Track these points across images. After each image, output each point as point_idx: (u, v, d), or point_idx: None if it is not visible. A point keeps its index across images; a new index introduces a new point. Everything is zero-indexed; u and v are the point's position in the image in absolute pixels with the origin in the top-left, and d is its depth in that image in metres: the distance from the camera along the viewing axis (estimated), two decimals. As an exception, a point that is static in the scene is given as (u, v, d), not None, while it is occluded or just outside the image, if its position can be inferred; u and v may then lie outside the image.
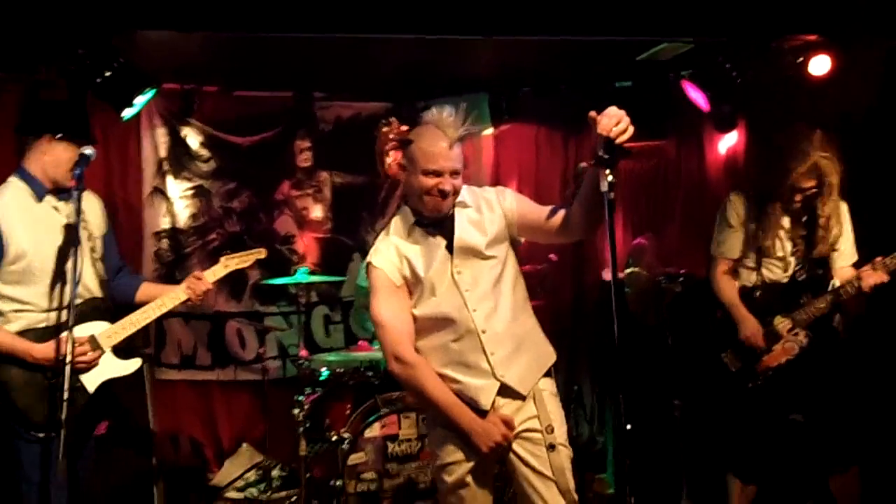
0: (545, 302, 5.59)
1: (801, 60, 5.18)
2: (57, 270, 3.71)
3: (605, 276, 6.06)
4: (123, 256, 5.74)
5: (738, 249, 4.33)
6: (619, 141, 2.64)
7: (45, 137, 3.78)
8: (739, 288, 4.32)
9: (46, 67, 5.04)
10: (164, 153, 6.21)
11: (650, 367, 5.19)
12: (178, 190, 6.25)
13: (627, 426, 2.65)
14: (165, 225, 6.23)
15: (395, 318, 3.11)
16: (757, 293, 4.27)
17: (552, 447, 3.08)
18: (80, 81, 4.97)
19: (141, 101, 5.20)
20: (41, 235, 3.71)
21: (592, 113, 2.70)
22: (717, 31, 5.15)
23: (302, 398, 4.92)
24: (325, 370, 5.18)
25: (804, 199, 4.12)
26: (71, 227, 3.71)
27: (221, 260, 4.30)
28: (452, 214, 3.16)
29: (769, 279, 4.22)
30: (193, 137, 6.27)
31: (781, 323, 4.17)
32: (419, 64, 5.83)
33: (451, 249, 3.13)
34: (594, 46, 5.50)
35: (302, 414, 4.90)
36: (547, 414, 3.12)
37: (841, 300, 4.06)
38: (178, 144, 6.24)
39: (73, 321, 3.37)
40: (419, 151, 3.06)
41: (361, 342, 5.42)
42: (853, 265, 4.16)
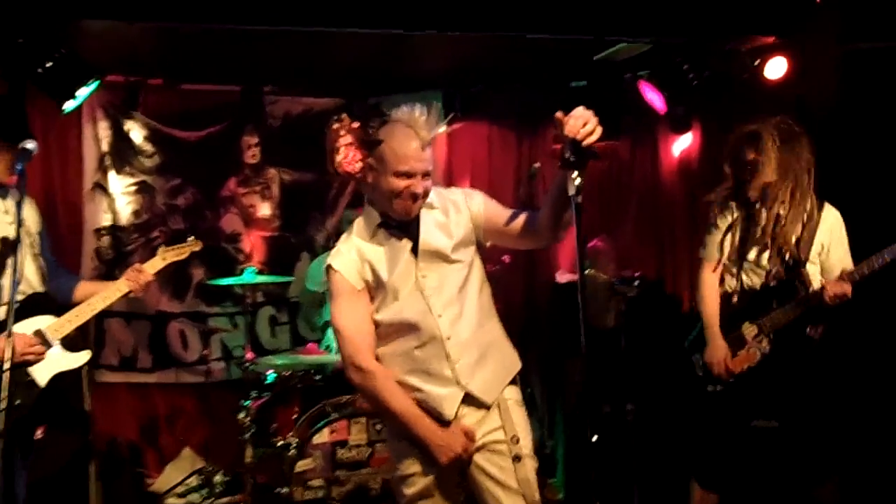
0: (496, 304, 5.49)
1: (757, 63, 5.18)
2: (3, 268, 3.62)
3: (558, 277, 6.00)
4: (63, 253, 5.76)
5: (717, 253, 4.23)
6: (586, 143, 2.57)
7: None
8: (721, 294, 4.23)
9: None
10: (106, 147, 6.03)
11: (604, 371, 5.14)
12: (120, 186, 6.07)
13: (594, 437, 2.55)
14: (106, 222, 6.05)
15: (354, 324, 3.00)
16: (734, 299, 4.20)
17: (518, 458, 2.98)
18: (19, 72, 4.78)
19: (83, 93, 5.02)
20: None
21: (559, 114, 2.61)
22: (674, 32, 5.14)
23: (248, 403, 4.78)
24: (271, 373, 5.04)
25: (756, 184, 4.04)
26: (11, 224, 3.61)
27: (159, 252, 4.34)
28: (418, 216, 3.05)
29: (747, 285, 4.16)
30: (137, 131, 6.10)
31: (748, 329, 4.12)
32: (372, 59, 5.73)
33: (416, 252, 3.01)
34: (550, 44, 5.42)
35: (248, 419, 4.76)
36: (512, 424, 3.02)
37: (809, 308, 4.00)
38: (120, 139, 6.06)
39: (11, 322, 3.24)
40: (390, 152, 2.92)
41: (310, 345, 5.30)
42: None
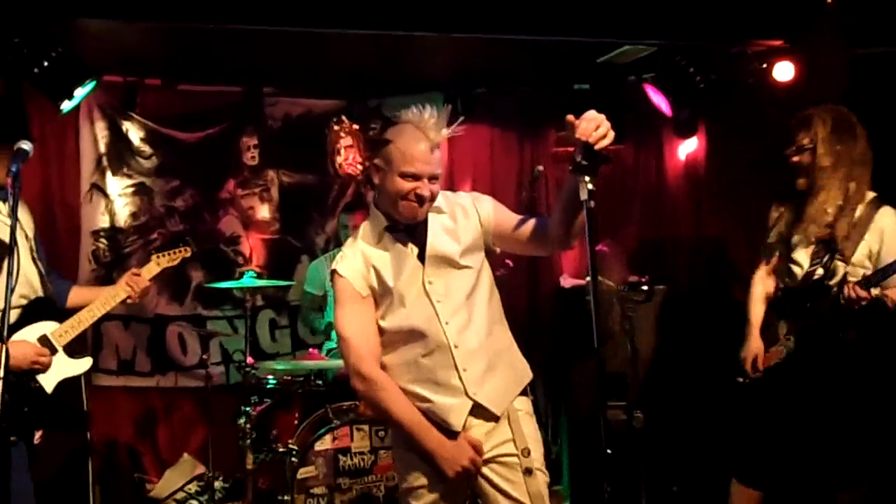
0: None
1: (764, 66, 5.13)
2: (7, 272, 3.51)
3: (562, 282, 5.94)
4: (60, 256, 5.73)
5: (767, 251, 4.18)
6: (598, 146, 2.51)
7: None
8: (767, 294, 4.19)
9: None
10: (103, 148, 5.97)
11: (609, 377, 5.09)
12: (118, 187, 6.01)
13: (608, 450, 2.48)
14: (104, 224, 5.98)
15: (359, 332, 2.93)
16: (777, 295, 4.14)
17: (529, 471, 2.90)
18: (16, 71, 4.72)
19: (81, 93, 4.98)
20: None
21: (570, 117, 2.56)
22: (679, 34, 5.10)
23: (249, 409, 4.72)
24: (271, 378, 4.97)
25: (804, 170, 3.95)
26: (8, 227, 3.50)
27: (153, 258, 4.34)
28: (426, 220, 2.98)
29: (787, 282, 4.08)
30: (135, 132, 6.04)
31: (781, 327, 4.07)
32: (373, 61, 5.68)
33: (422, 258, 2.94)
34: (553, 47, 5.41)
35: (248, 425, 4.69)
36: (523, 436, 2.94)
37: (837, 310, 3.86)
38: (118, 139, 6.00)
39: (7, 327, 3.16)
40: (397, 152, 2.85)
41: (312, 350, 5.22)
42: None
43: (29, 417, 3.62)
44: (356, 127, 6.16)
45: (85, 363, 3.88)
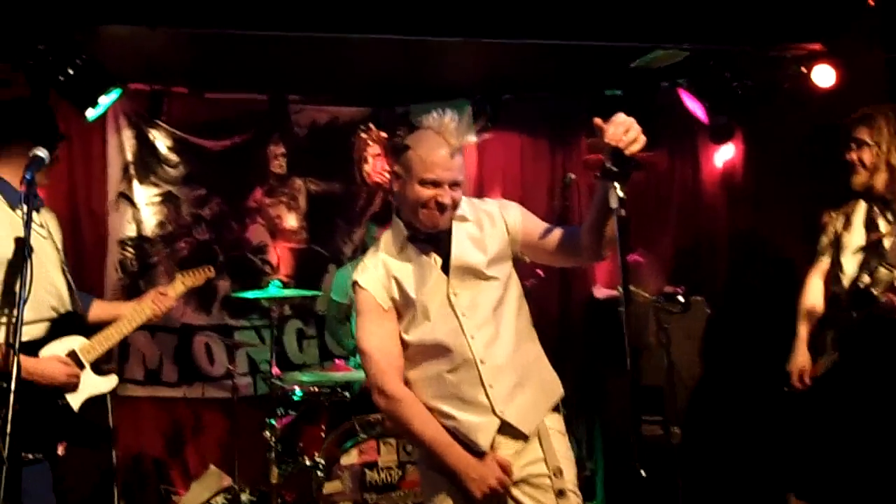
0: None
1: (802, 70, 4.98)
2: (38, 282, 3.45)
3: (595, 293, 5.81)
4: (86, 265, 5.74)
5: (819, 255, 4.09)
6: (629, 152, 2.39)
7: (20, 143, 3.52)
8: (816, 303, 4.08)
9: (5, 64, 4.70)
10: (130, 157, 5.94)
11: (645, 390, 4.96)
12: (144, 196, 5.97)
13: (642, 472, 2.35)
14: (131, 232, 5.95)
15: (380, 346, 2.82)
16: (826, 304, 4.05)
17: (561, 493, 2.78)
18: (41, 79, 4.68)
19: (106, 101, 4.94)
20: (20, 242, 3.42)
21: (598, 120, 2.45)
22: (714, 38, 4.97)
23: (274, 422, 4.64)
24: (298, 390, 4.89)
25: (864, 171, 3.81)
26: (46, 239, 3.59)
27: (177, 276, 4.21)
28: (450, 229, 2.87)
29: (836, 291, 3.97)
30: (162, 141, 6.00)
31: (829, 336, 3.95)
32: (399, 67, 5.60)
33: (447, 269, 2.83)
34: (583, 52, 5.28)
35: (273, 438, 4.61)
36: (555, 455, 2.82)
37: (880, 320, 3.74)
38: (145, 148, 5.97)
39: (18, 342, 3.08)
40: (416, 158, 2.75)
41: (338, 361, 5.14)
42: None
43: (55, 435, 3.53)
44: (383, 135, 6.10)
45: (111, 381, 3.79)
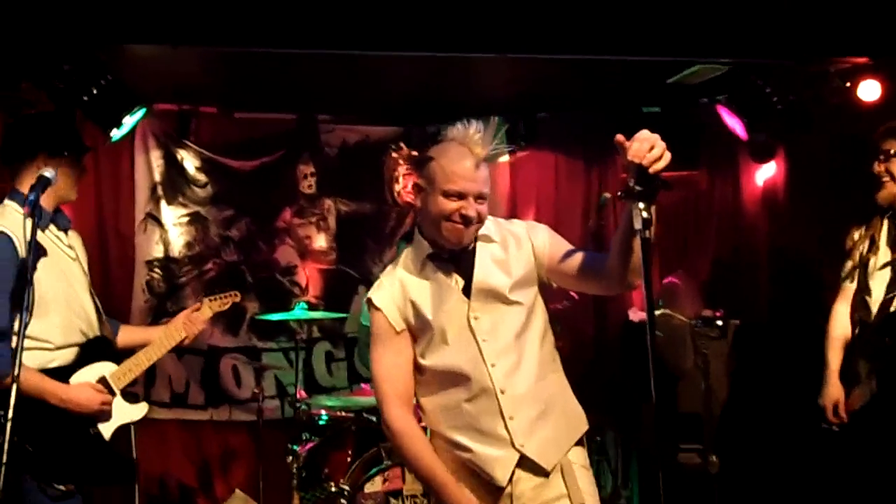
0: (563, 344, 5.15)
1: (847, 85, 4.78)
2: (68, 305, 3.44)
3: (631, 316, 5.63)
4: (113, 286, 5.69)
5: (847, 281, 3.92)
6: (653, 169, 2.22)
7: (38, 158, 3.45)
8: (846, 331, 3.90)
9: (30, 84, 4.67)
10: (158, 177, 5.91)
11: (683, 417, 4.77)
12: (172, 216, 5.93)
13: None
14: (158, 253, 5.90)
15: (387, 373, 2.70)
16: (856, 331, 3.84)
17: None
18: (65, 99, 4.64)
19: (130, 121, 4.89)
20: (50, 266, 3.40)
21: (620, 137, 2.28)
22: (754, 52, 4.79)
23: (297, 448, 4.52)
24: (324, 414, 4.77)
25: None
26: (75, 261, 3.54)
27: (204, 302, 4.07)
28: (474, 248, 2.72)
29: (863, 317, 3.79)
30: (190, 161, 5.96)
31: (863, 366, 3.76)
32: (430, 85, 5.50)
33: (468, 291, 2.69)
34: (619, 67, 5.16)
35: (296, 465, 4.50)
36: (579, 491, 2.66)
37: None
38: (173, 168, 5.93)
39: (18, 365, 2.96)
40: (439, 170, 2.60)
41: (365, 385, 5.02)
42: None
43: (87, 467, 3.44)
44: (415, 154, 5.97)
45: (142, 409, 3.71)
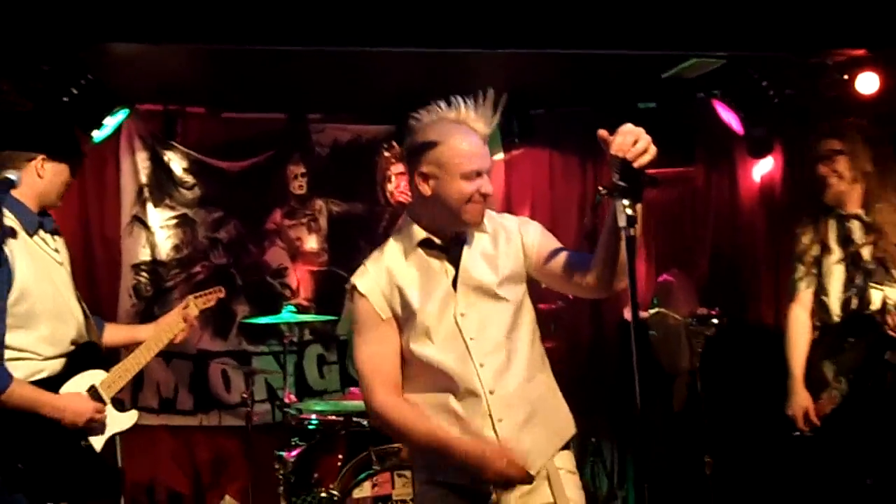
0: (558, 344, 5.09)
1: (846, 77, 4.68)
2: (58, 315, 3.32)
3: (626, 315, 5.52)
4: (99, 290, 5.62)
5: (800, 284, 3.84)
6: (638, 164, 2.15)
7: (38, 158, 3.36)
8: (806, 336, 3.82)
9: (7, 84, 4.58)
10: (144, 179, 5.82)
11: (678, 418, 4.67)
12: (159, 219, 5.84)
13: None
14: (145, 257, 5.82)
15: (371, 362, 2.59)
16: (815, 333, 3.79)
17: None
18: (46, 100, 4.55)
19: (112, 122, 4.81)
20: (40, 272, 3.29)
21: (603, 132, 2.21)
22: (750, 45, 4.69)
23: (283, 454, 4.43)
24: (314, 418, 4.69)
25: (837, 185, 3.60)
26: (62, 265, 3.43)
27: (189, 299, 3.95)
28: (464, 240, 2.63)
29: (825, 319, 3.74)
30: (177, 162, 5.87)
31: (827, 369, 3.70)
32: (423, 83, 5.36)
33: (455, 284, 2.59)
34: (614, 63, 5.07)
35: (283, 471, 4.40)
36: (566, 499, 2.57)
37: (887, 339, 3.50)
38: (160, 170, 5.84)
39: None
40: (452, 152, 2.50)
41: (353, 389, 4.92)
42: None
43: (80, 481, 3.31)
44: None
45: (132, 417, 3.59)
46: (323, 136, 6.06)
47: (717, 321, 4.67)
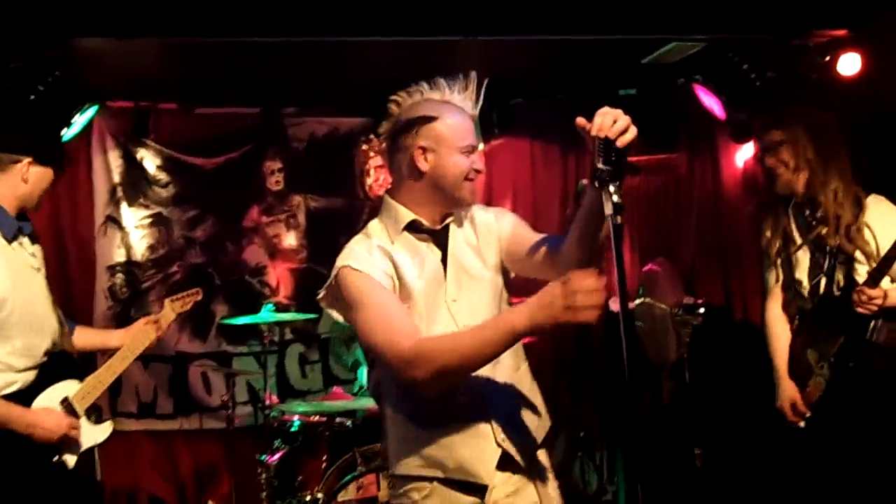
0: (544, 338, 4.99)
1: (827, 59, 4.61)
2: (32, 326, 3.23)
3: (612, 306, 5.44)
4: (74, 293, 5.50)
5: (774, 275, 3.82)
6: (621, 141, 2.08)
7: (24, 162, 3.30)
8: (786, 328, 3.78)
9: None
10: (117, 178, 5.70)
11: (668, 410, 4.60)
12: (133, 219, 5.73)
13: None
14: (120, 258, 5.70)
15: (384, 320, 2.32)
16: (795, 323, 3.74)
17: None
18: (14, 98, 4.43)
19: (81, 119, 4.69)
20: (18, 281, 3.20)
21: (581, 119, 2.13)
22: (731, 27, 4.62)
23: (265, 458, 4.34)
24: (297, 420, 4.60)
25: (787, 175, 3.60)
26: (39, 270, 3.36)
27: (166, 303, 3.88)
28: (448, 227, 2.55)
29: (801, 305, 3.71)
30: (150, 160, 5.76)
31: (811, 356, 3.65)
32: (400, 73, 5.23)
33: (444, 272, 2.49)
34: (594, 49, 4.99)
35: (266, 475, 4.31)
36: (551, 500, 2.51)
37: (860, 317, 3.45)
38: (133, 168, 5.72)
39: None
40: (448, 128, 2.47)
41: (336, 389, 4.83)
42: None
43: (52, 498, 3.23)
44: (385, 145, 5.81)
45: (106, 429, 3.50)
46: (299, 129, 5.95)
47: (703, 310, 4.60)
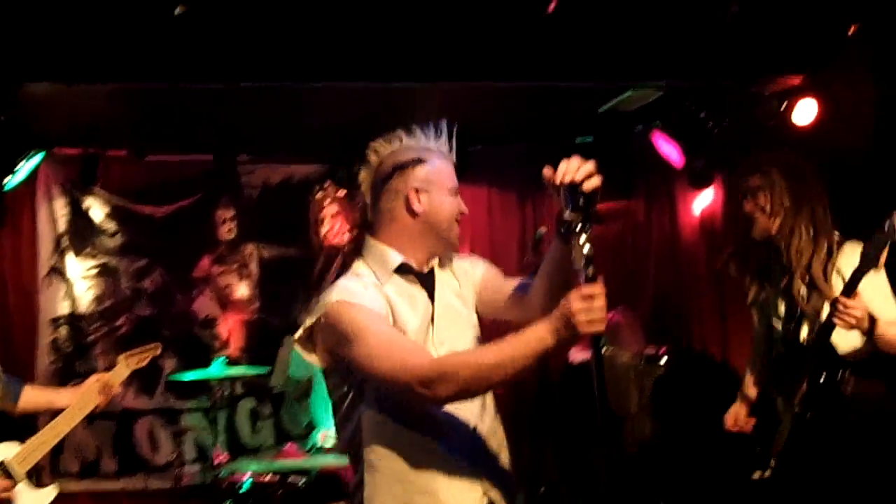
0: (504, 391, 4.88)
1: (784, 107, 4.63)
2: None
3: (571, 357, 5.36)
4: (14, 347, 5.27)
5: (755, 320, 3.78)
6: (587, 187, 2.06)
7: None
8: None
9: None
10: (63, 227, 5.59)
11: (631, 461, 4.50)
12: (79, 269, 5.60)
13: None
14: (64, 310, 5.57)
15: (392, 344, 2.20)
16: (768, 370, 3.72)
17: None
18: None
19: (26, 167, 4.53)
20: None
21: (548, 169, 2.11)
22: (687, 75, 4.62)
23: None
24: (247, 479, 4.39)
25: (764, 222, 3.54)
26: None
27: (120, 360, 3.71)
28: (433, 270, 2.46)
29: (778, 351, 3.64)
30: (98, 208, 5.65)
31: (779, 403, 3.56)
32: (357, 120, 5.18)
33: (431, 316, 2.40)
34: (551, 97, 4.99)
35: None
36: None
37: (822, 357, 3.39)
38: (79, 217, 5.62)
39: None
40: (437, 170, 2.42)
41: (289, 446, 4.64)
42: None
43: None
44: (342, 193, 5.74)
45: (49, 494, 3.32)
46: (252, 177, 5.89)
47: (665, 360, 4.54)
